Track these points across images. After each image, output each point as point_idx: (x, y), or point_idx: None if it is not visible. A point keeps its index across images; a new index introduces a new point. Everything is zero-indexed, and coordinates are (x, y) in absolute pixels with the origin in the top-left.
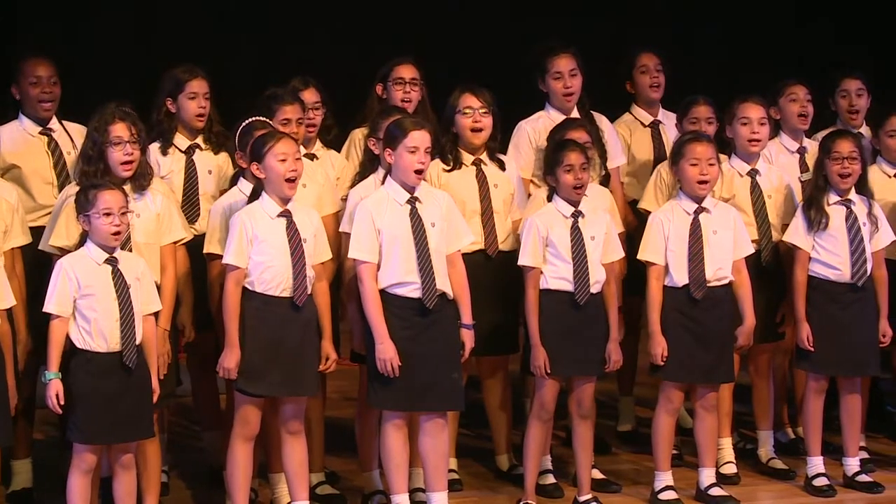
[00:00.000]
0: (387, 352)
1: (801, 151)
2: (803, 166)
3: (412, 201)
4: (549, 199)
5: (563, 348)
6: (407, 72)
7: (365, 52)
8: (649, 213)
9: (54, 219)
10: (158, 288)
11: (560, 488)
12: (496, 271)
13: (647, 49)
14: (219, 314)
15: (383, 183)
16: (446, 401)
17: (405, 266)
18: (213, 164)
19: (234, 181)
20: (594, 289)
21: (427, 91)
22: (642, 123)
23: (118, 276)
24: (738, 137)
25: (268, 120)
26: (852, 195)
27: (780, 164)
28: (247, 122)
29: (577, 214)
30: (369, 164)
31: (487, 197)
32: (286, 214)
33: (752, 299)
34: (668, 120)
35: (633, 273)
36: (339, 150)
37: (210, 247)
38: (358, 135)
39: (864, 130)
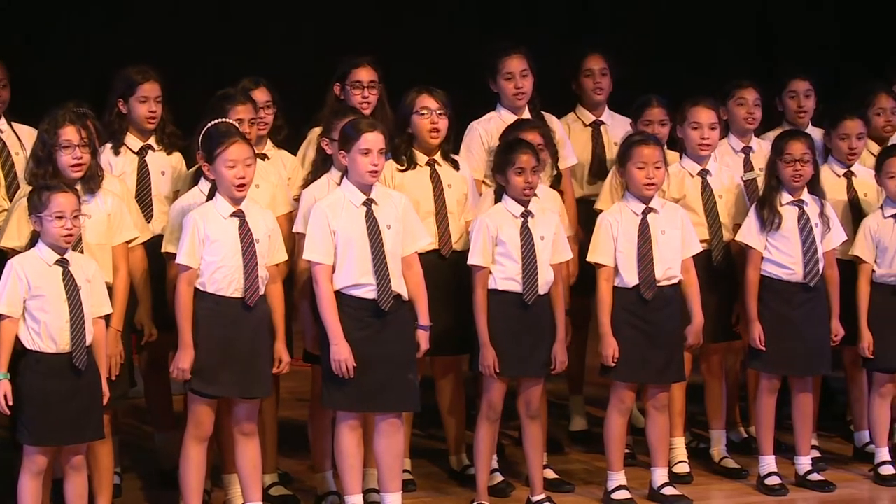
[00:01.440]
0: (342, 353)
1: (747, 151)
2: (748, 166)
3: (368, 203)
4: (498, 198)
5: (510, 349)
6: (365, 74)
7: (319, 50)
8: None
9: (7, 220)
10: (111, 289)
11: (511, 485)
12: (450, 272)
13: (594, 51)
14: (175, 314)
15: (339, 183)
16: (402, 401)
17: (360, 267)
18: (166, 165)
19: (195, 180)
20: (542, 290)
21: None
22: (583, 123)
23: (68, 278)
24: (688, 140)
25: (232, 122)
26: (805, 195)
27: (726, 164)
28: (211, 123)
29: (526, 214)
30: (322, 164)
31: (441, 197)
32: (239, 215)
33: (700, 298)
34: (612, 120)
35: (584, 274)
36: (290, 150)
37: (168, 246)
38: (317, 133)
39: (811, 130)
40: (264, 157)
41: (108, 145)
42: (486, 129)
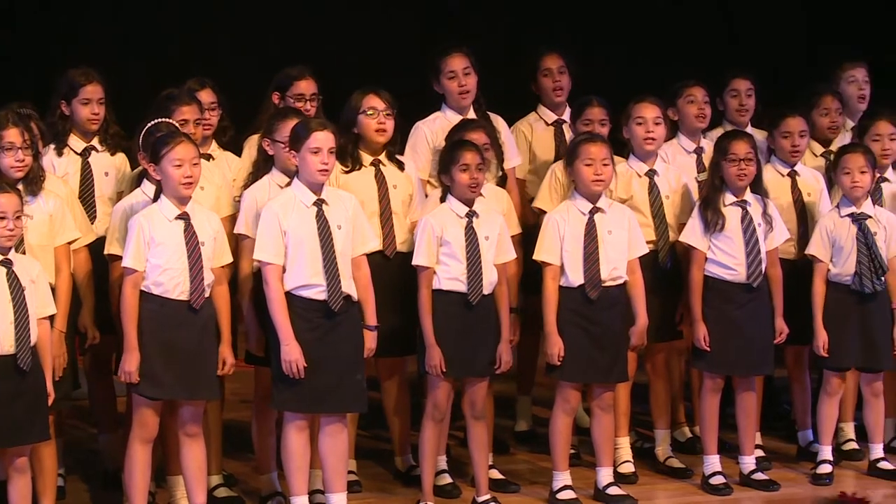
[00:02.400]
0: (292, 353)
1: (699, 152)
2: (700, 166)
3: (319, 203)
4: (443, 199)
5: (455, 349)
6: (307, 87)
7: (262, 58)
8: (544, 212)
9: None
10: (53, 290)
11: (458, 487)
12: (395, 272)
13: (551, 51)
14: (119, 316)
15: (287, 184)
16: (350, 402)
17: (311, 268)
18: (109, 166)
19: (138, 182)
20: (487, 290)
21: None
22: (545, 122)
23: (13, 279)
24: (633, 137)
25: (173, 122)
26: (748, 195)
27: (678, 165)
28: (152, 123)
29: (471, 214)
30: (263, 165)
31: (386, 198)
32: (184, 217)
33: (645, 299)
34: None
35: (532, 273)
36: (235, 152)
37: (111, 247)
38: (255, 141)
39: (751, 131)
40: (209, 157)
41: (52, 146)
42: (432, 129)
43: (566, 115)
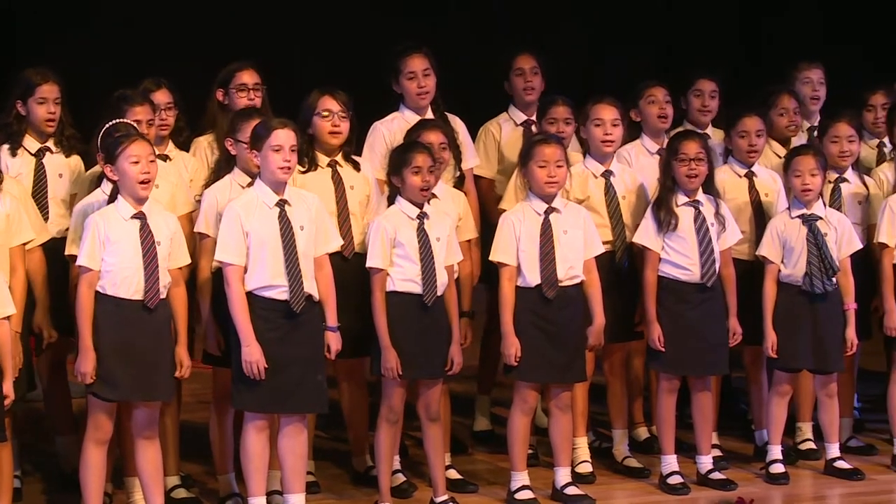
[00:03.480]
0: (253, 354)
1: (661, 153)
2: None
3: (281, 204)
4: (392, 200)
5: (411, 350)
6: (249, 77)
7: (207, 60)
8: None
9: None
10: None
11: (413, 485)
12: (353, 273)
13: (524, 52)
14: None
15: (247, 184)
16: (311, 403)
17: (273, 269)
18: (64, 168)
19: (98, 182)
20: (440, 290)
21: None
22: (515, 122)
23: None
24: (591, 138)
25: (132, 123)
26: (700, 195)
27: (641, 166)
28: (110, 123)
29: (422, 216)
30: (225, 165)
31: (343, 198)
32: (140, 216)
33: (602, 299)
34: None
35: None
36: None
37: (71, 248)
38: (203, 143)
39: (711, 131)
40: (166, 157)
41: (6, 146)
42: (390, 130)
43: (536, 117)
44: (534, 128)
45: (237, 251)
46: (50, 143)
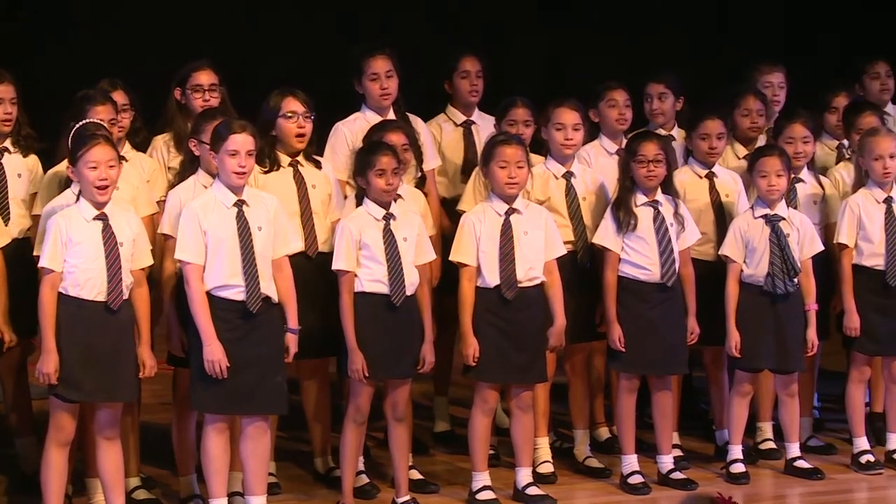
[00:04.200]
0: (215, 353)
1: (621, 154)
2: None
3: (239, 204)
4: (360, 201)
5: (378, 351)
6: (205, 77)
7: (163, 56)
8: None
9: None
10: None
11: (376, 487)
12: (316, 273)
13: (469, 53)
14: None
15: (208, 185)
16: (270, 404)
17: (230, 269)
18: (22, 168)
19: (68, 183)
20: (409, 291)
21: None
22: (454, 123)
23: None
24: (552, 141)
25: (103, 124)
26: (659, 196)
27: (600, 166)
28: (80, 124)
29: (388, 217)
30: (189, 165)
31: (306, 198)
32: (102, 218)
33: (563, 300)
34: (482, 121)
35: (450, 274)
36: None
37: (38, 248)
38: (160, 141)
39: (676, 132)
40: (122, 158)
41: None
42: (351, 130)
43: (475, 117)
44: (473, 128)
45: (196, 250)
46: (7, 144)
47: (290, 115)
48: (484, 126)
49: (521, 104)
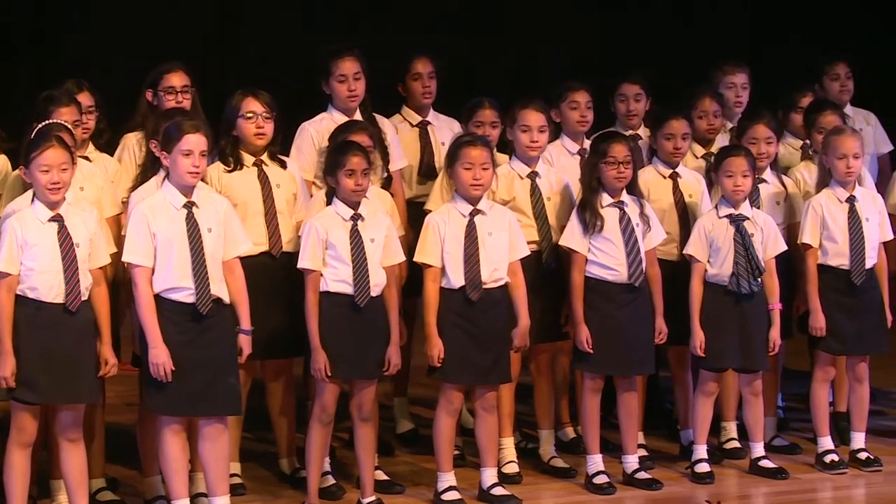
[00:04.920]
0: (159, 356)
1: (582, 153)
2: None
3: (189, 206)
4: (329, 201)
5: (342, 351)
6: (177, 80)
7: (134, 56)
8: None
9: None
10: None
11: (342, 488)
12: (280, 273)
13: (422, 55)
14: None
15: (161, 186)
16: (223, 406)
17: (180, 271)
18: None
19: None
20: (374, 291)
21: (200, 92)
22: (410, 124)
23: None
24: (517, 142)
25: (63, 123)
26: (624, 196)
27: (562, 166)
28: (43, 125)
29: (356, 217)
30: (151, 166)
31: (270, 197)
32: (58, 219)
33: (527, 300)
34: (437, 121)
35: (412, 275)
36: (111, 154)
37: None
38: (132, 139)
39: (642, 130)
40: (86, 159)
41: None
42: (318, 130)
43: (430, 118)
44: (429, 129)
45: (145, 252)
46: None
47: (249, 115)
48: (439, 126)
49: (488, 105)
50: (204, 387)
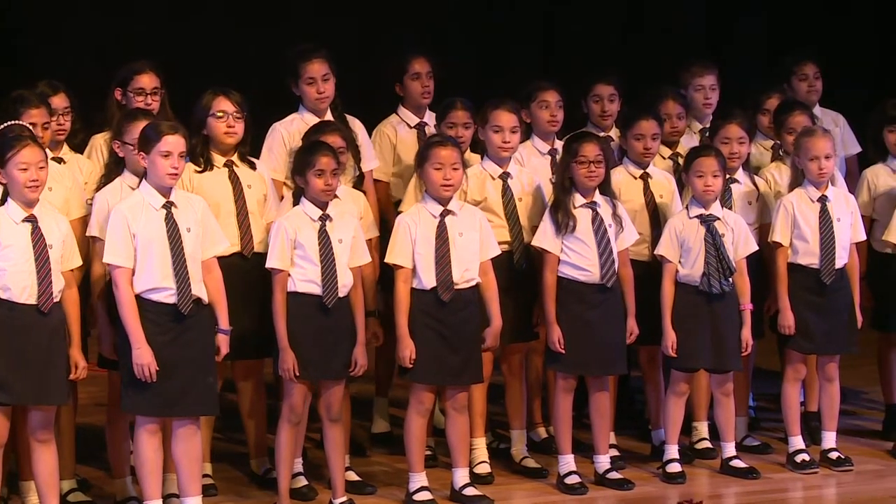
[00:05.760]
0: (144, 357)
1: (553, 153)
2: (555, 168)
3: (168, 206)
4: (297, 200)
5: (310, 351)
6: (148, 81)
7: (103, 54)
8: None
9: None
10: None
11: (314, 489)
12: (252, 273)
13: (420, 54)
14: None
15: (136, 186)
16: (201, 406)
17: (160, 271)
18: None
19: None
20: (342, 292)
21: (169, 92)
22: (408, 125)
23: None
24: (489, 143)
25: (27, 125)
26: (597, 197)
27: (532, 166)
28: (4, 125)
29: (324, 218)
30: (114, 167)
31: (242, 198)
32: (31, 220)
33: (498, 301)
34: (433, 121)
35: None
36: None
37: None
38: (99, 140)
39: (613, 132)
40: (60, 160)
41: None
42: (289, 131)
43: (427, 118)
44: (427, 130)
45: (125, 253)
46: None
47: (220, 114)
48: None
49: (461, 106)
50: (183, 387)
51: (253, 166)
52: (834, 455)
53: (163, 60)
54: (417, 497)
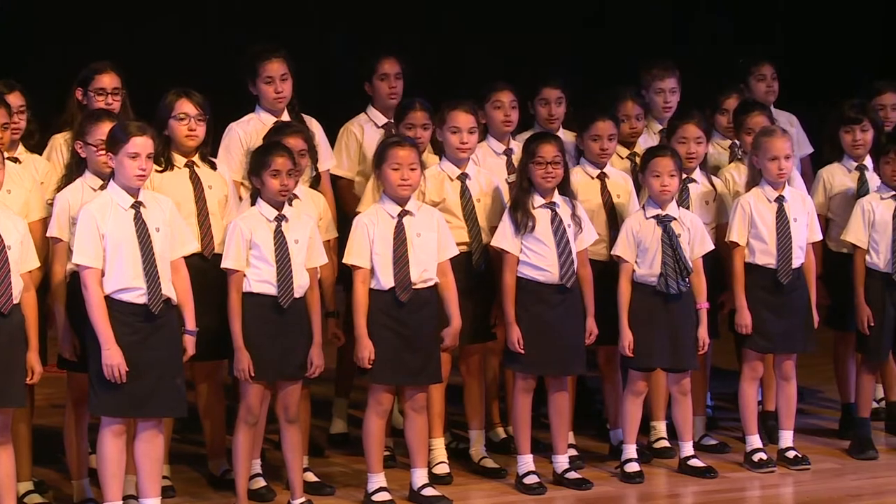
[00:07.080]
0: (114, 357)
1: (508, 153)
2: (511, 168)
3: (136, 206)
4: (254, 201)
5: (266, 352)
6: (108, 80)
7: (67, 53)
8: None
9: None
10: None
11: (272, 490)
12: (212, 274)
13: (389, 56)
14: None
15: (100, 187)
16: (169, 407)
17: (130, 271)
18: None
19: None
20: (297, 293)
21: (130, 93)
22: (376, 124)
23: None
24: (447, 144)
25: None
26: (556, 197)
27: (488, 167)
28: None
29: (280, 218)
30: (76, 168)
31: (202, 198)
32: None
33: (457, 301)
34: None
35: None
36: (41, 155)
37: None
38: (59, 140)
39: (562, 133)
40: (16, 160)
41: None
42: (246, 131)
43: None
44: (394, 130)
45: (94, 254)
46: None
47: (181, 116)
48: None
49: (420, 107)
50: (151, 388)
51: (214, 167)
52: (791, 454)
53: (123, 60)
54: (376, 498)
